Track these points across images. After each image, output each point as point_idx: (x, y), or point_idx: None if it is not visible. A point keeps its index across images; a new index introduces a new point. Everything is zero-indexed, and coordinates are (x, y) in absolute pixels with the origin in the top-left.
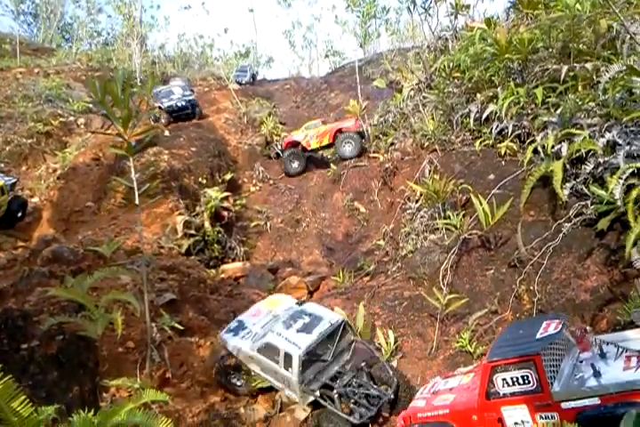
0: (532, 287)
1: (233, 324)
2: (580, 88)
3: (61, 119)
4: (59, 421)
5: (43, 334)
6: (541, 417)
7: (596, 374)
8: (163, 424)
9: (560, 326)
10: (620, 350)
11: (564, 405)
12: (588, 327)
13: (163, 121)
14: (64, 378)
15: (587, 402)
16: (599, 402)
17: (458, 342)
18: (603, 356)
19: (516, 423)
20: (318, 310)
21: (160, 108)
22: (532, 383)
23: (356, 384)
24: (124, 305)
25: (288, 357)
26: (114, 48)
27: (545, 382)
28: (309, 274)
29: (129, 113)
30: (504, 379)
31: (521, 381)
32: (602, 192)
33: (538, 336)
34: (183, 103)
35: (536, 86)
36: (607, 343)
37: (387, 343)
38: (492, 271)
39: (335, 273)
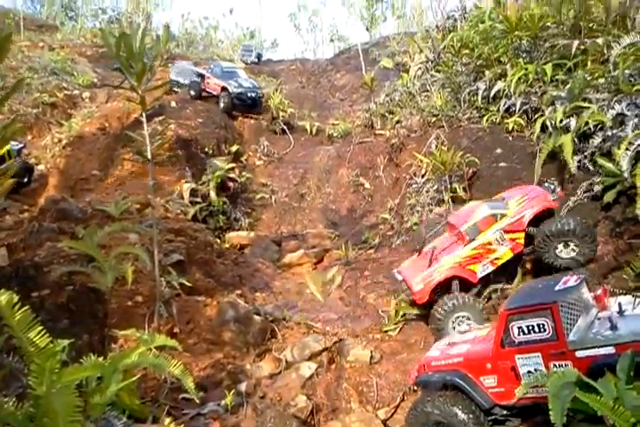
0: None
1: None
2: (589, 63)
3: (66, 92)
4: (69, 363)
5: (53, 283)
6: (555, 366)
7: (613, 327)
8: (173, 367)
9: (579, 280)
10: (638, 300)
11: (579, 353)
12: (609, 288)
13: (222, 105)
14: (74, 326)
15: (602, 351)
16: (614, 351)
17: None
18: (621, 313)
19: (529, 372)
20: None
21: (225, 89)
22: (547, 331)
23: None
24: (134, 262)
25: None
26: (118, 26)
27: (561, 331)
28: (313, 247)
29: (143, 67)
30: (520, 327)
31: (537, 329)
32: (609, 164)
33: (556, 288)
34: (254, 95)
35: (545, 63)
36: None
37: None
38: None
39: (339, 246)
